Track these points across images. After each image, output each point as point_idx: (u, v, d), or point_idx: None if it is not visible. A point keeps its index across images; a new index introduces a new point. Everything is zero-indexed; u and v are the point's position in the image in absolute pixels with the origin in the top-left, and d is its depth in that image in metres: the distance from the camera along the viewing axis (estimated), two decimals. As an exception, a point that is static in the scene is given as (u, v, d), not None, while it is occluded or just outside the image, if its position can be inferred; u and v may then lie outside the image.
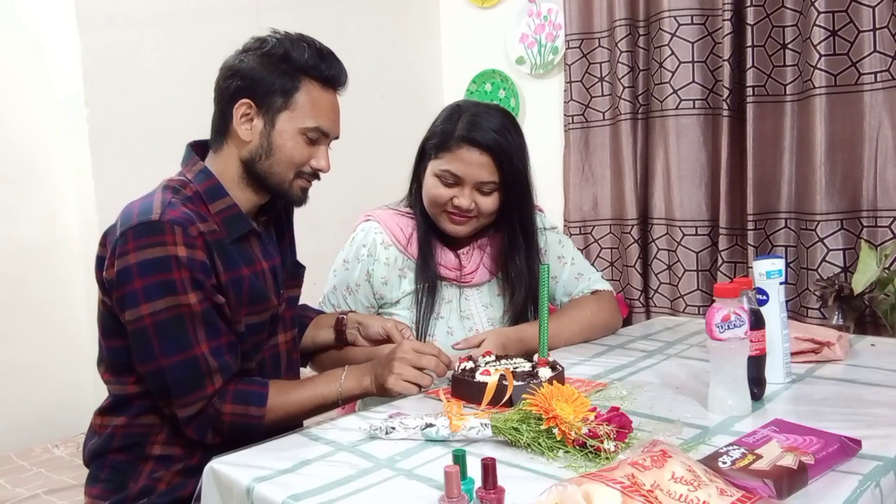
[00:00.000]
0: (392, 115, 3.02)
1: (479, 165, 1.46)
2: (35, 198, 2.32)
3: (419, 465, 0.98)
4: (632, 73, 2.66)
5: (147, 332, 1.16)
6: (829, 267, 2.21)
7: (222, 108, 1.27)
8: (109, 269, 1.18)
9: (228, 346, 1.22)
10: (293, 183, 1.29)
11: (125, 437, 1.26)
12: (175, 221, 1.16)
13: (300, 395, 1.26)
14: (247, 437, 1.20)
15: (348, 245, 1.61)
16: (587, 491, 0.74)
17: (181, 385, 1.17)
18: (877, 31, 2.09)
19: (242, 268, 1.25)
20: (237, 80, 1.24)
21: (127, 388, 1.25)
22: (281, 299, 1.35)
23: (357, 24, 3.01)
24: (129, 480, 1.24)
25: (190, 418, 1.19)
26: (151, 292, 1.15)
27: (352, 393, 1.28)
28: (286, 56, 1.24)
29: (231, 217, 1.25)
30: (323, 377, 1.30)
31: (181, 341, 1.17)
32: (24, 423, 2.24)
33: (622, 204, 2.72)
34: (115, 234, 1.19)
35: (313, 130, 1.26)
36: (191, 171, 1.28)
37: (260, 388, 1.23)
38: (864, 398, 1.19)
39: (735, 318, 1.09)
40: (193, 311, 1.17)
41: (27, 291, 2.29)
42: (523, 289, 1.56)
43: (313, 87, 1.26)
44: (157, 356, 1.16)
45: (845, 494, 0.84)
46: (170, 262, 1.15)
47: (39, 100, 2.31)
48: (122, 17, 2.30)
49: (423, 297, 1.54)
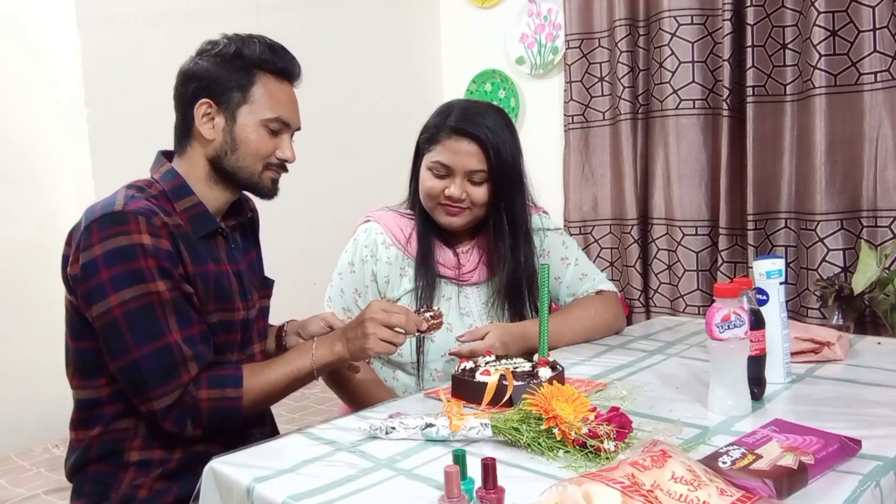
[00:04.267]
0: (392, 115, 3.02)
1: (468, 154, 1.49)
2: (35, 198, 2.32)
3: (419, 465, 0.98)
4: (632, 73, 2.66)
5: (118, 324, 1.15)
6: (829, 267, 2.21)
7: (183, 112, 1.31)
8: (74, 265, 1.18)
9: (201, 336, 1.21)
10: (262, 175, 1.31)
11: (101, 445, 1.25)
12: (138, 211, 1.17)
13: (274, 372, 1.26)
14: (226, 426, 1.20)
15: (351, 247, 1.62)
16: (587, 491, 0.74)
17: (156, 375, 1.16)
18: (877, 31, 2.10)
19: (209, 263, 1.27)
20: (194, 82, 1.28)
21: (99, 391, 1.24)
22: (249, 305, 1.35)
23: (357, 24, 3.01)
24: (111, 491, 1.23)
25: (167, 410, 1.17)
26: (119, 282, 1.14)
27: (325, 361, 1.27)
28: (238, 53, 1.27)
29: (197, 215, 1.27)
30: (294, 351, 1.30)
31: (153, 330, 1.16)
32: (24, 423, 2.24)
33: (622, 204, 2.72)
34: (79, 230, 1.19)
35: (274, 121, 1.29)
36: (157, 172, 1.30)
37: (234, 371, 1.23)
38: (864, 398, 1.19)
39: (735, 318, 1.09)
40: (163, 299, 1.16)
41: (27, 291, 2.29)
42: (506, 275, 1.56)
43: (268, 79, 1.29)
44: (131, 347, 1.15)
45: (845, 494, 0.84)
46: (136, 251, 1.15)
47: (39, 100, 2.31)
48: (122, 17, 2.31)
49: (422, 294, 1.55)
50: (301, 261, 2.44)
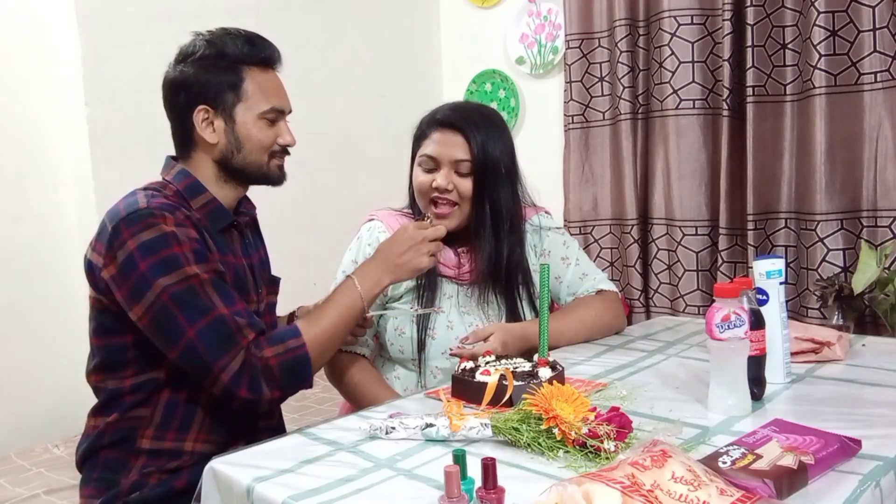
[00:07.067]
0: (392, 115, 3.01)
1: (453, 144, 1.50)
2: (35, 198, 2.32)
3: (419, 465, 0.98)
4: (632, 73, 2.66)
5: (168, 308, 1.16)
6: (829, 267, 2.21)
7: (180, 121, 1.32)
8: (109, 267, 1.19)
9: (245, 309, 1.23)
10: (269, 165, 1.34)
11: (115, 432, 1.26)
12: (162, 207, 1.21)
13: (328, 315, 1.29)
14: (300, 379, 1.22)
15: (355, 245, 1.63)
16: (587, 491, 0.74)
17: (215, 347, 1.16)
18: (877, 31, 2.09)
19: (229, 255, 1.30)
20: (185, 90, 1.30)
21: (122, 381, 1.25)
22: (260, 298, 1.38)
23: (357, 23, 3.01)
24: (121, 477, 1.24)
25: (237, 377, 1.16)
26: (157, 270, 1.16)
27: (373, 293, 1.34)
28: (221, 53, 1.29)
29: (213, 210, 1.30)
30: (337, 293, 1.34)
31: (201, 307, 1.17)
32: (24, 423, 2.24)
33: (622, 204, 2.72)
34: (106, 233, 1.20)
35: (270, 112, 1.31)
36: (169, 174, 1.33)
37: (288, 326, 1.26)
38: (864, 398, 1.19)
39: (735, 318, 1.09)
40: (202, 280, 1.18)
41: (27, 291, 2.29)
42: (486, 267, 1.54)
43: (254, 72, 1.31)
44: (185, 328, 1.16)
45: (845, 494, 0.84)
46: (168, 239, 1.17)
47: (39, 100, 2.31)
48: (122, 17, 2.31)
49: (423, 291, 1.56)
50: (301, 260, 2.44)
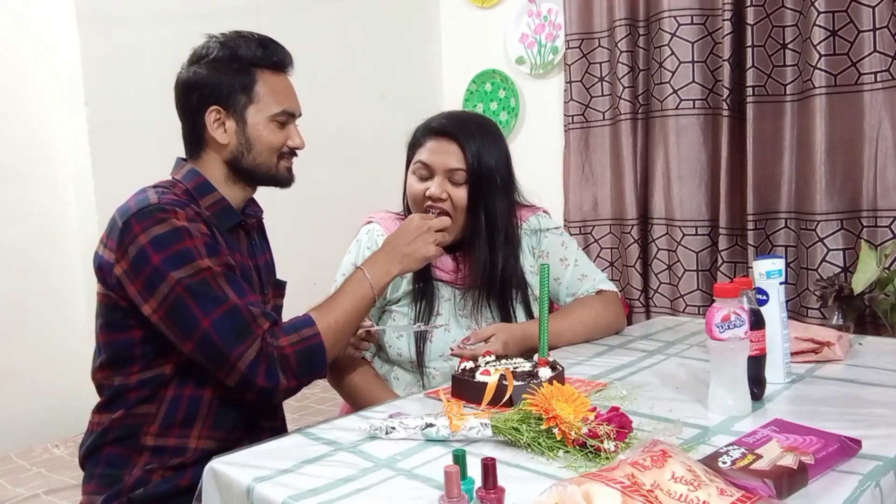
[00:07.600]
0: (392, 115, 3.02)
1: (447, 152, 1.50)
2: (35, 198, 2.32)
3: (419, 465, 0.98)
4: (632, 73, 2.66)
5: (182, 300, 1.17)
6: (829, 267, 2.21)
7: (192, 122, 1.33)
8: (122, 262, 1.20)
9: (259, 302, 1.25)
10: (278, 166, 1.36)
11: (120, 428, 1.26)
12: (173, 203, 1.23)
13: (340, 304, 1.30)
14: (315, 368, 1.23)
15: (354, 248, 1.63)
16: (587, 491, 0.74)
17: (230, 336, 1.16)
18: (877, 31, 2.09)
19: (236, 254, 1.31)
20: (198, 91, 1.31)
21: (129, 378, 1.26)
22: (266, 300, 1.39)
23: (357, 23, 3.01)
24: (124, 473, 1.25)
25: (253, 366, 1.17)
26: (171, 263, 1.17)
27: (383, 283, 1.36)
28: (234, 56, 1.31)
29: (221, 209, 1.32)
30: (348, 283, 1.35)
31: (216, 297, 1.18)
32: (24, 423, 2.24)
33: (622, 204, 2.72)
34: (117, 229, 1.21)
35: (281, 114, 1.33)
36: (178, 174, 1.34)
37: (301, 316, 1.27)
38: (864, 398, 1.19)
39: (735, 318, 1.09)
40: (215, 272, 1.19)
41: (27, 291, 2.29)
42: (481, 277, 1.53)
43: (266, 75, 1.33)
44: (200, 319, 1.16)
45: (845, 494, 0.84)
46: (180, 233, 1.19)
47: (39, 100, 2.31)
48: (122, 17, 2.31)
49: (421, 295, 1.55)
50: (301, 261, 2.43)
